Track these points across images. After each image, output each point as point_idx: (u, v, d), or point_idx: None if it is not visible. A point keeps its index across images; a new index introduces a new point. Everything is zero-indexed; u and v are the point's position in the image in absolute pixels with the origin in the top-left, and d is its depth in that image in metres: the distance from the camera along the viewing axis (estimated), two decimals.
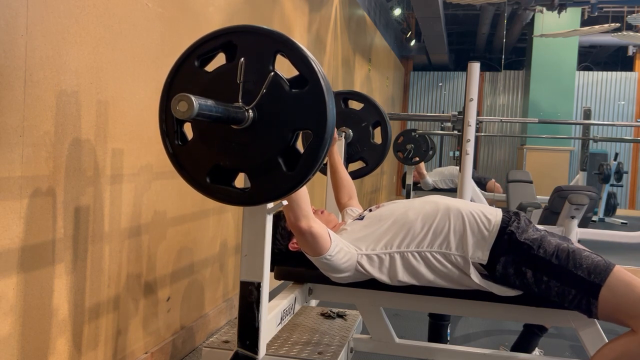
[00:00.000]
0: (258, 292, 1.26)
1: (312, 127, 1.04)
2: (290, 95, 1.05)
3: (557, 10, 6.77)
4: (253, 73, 1.06)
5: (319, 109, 1.03)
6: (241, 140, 1.07)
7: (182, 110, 0.90)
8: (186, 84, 1.11)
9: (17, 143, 1.35)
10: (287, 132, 1.05)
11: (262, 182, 1.07)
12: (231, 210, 2.70)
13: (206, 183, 1.12)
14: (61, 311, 1.54)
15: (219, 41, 1.10)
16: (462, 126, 2.72)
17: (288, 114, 1.05)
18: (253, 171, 1.08)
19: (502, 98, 9.98)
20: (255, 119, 1.05)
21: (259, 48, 1.07)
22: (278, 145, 1.05)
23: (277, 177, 1.06)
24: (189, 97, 0.89)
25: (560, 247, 1.47)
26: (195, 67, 1.12)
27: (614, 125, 6.94)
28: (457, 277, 1.52)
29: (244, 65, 1.06)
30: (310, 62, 1.04)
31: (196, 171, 1.12)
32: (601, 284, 1.39)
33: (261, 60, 1.06)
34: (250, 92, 1.05)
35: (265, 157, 1.06)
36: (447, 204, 1.59)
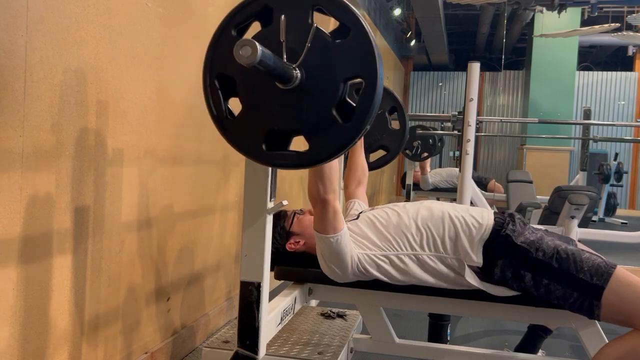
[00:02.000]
0: (258, 292, 1.26)
1: (362, 74, 1.01)
2: (336, 46, 1.02)
3: (557, 10, 6.77)
4: (293, 31, 1.03)
5: (367, 55, 1.00)
6: (292, 101, 1.04)
7: (246, 55, 0.87)
8: (227, 54, 1.06)
9: (17, 143, 1.35)
10: (337, 84, 1.02)
11: (320, 139, 1.04)
12: (231, 210, 2.70)
13: (263, 151, 1.08)
14: (61, 311, 1.54)
15: (255, 6, 1.07)
16: (462, 126, 2.72)
17: (336, 66, 1.02)
18: (309, 130, 1.05)
19: (502, 98, 9.98)
20: (303, 77, 1.03)
21: (295, 5, 1.04)
22: (331, 98, 1.02)
23: (335, 132, 1.03)
24: (253, 42, 0.87)
25: (559, 249, 1.46)
26: (233, 37, 1.09)
27: (614, 125, 6.94)
28: (454, 278, 1.53)
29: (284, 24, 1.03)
30: (350, 9, 1.01)
31: (251, 141, 1.08)
32: (604, 286, 1.38)
33: (299, 17, 1.04)
34: (293, 51, 1.03)
35: (320, 113, 1.03)
36: (440, 209, 1.61)
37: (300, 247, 1.67)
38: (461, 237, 1.52)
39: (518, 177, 5.50)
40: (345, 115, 1.03)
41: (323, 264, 1.54)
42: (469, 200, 2.80)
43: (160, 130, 1.99)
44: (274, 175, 1.28)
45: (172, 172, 2.10)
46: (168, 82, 2.04)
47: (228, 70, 1.09)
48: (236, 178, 2.70)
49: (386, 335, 1.82)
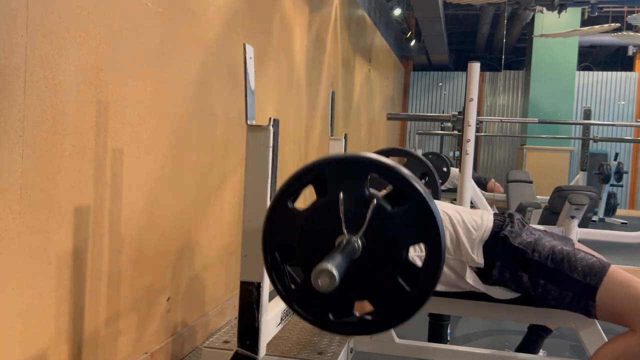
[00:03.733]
0: (258, 292, 1.26)
1: (425, 240, 1.03)
2: (395, 215, 1.02)
3: (557, 10, 6.77)
4: (349, 201, 1.03)
5: (428, 221, 1.01)
6: (356, 270, 1.03)
7: (325, 284, 0.88)
8: (284, 227, 1.09)
9: (17, 143, 1.35)
10: (400, 251, 1.03)
11: (387, 305, 1.05)
12: (231, 210, 2.70)
13: (330, 321, 1.09)
14: (61, 311, 1.54)
15: (308, 177, 1.08)
16: (462, 126, 2.72)
17: (398, 234, 1.02)
18: (376, 297, 1.06)
19: (502, 98, 9.98)
20: (365, 246, 1.03)
21: (350, 175, 1.04)
22: (395, 265, 1.03)
23: (401, 297, 1.04)
24: (329, 270, 0.88)
25: (555, 249, 1.47)
26: (288, 208, 1.09)
27: (614, 125, 6.94)
28: (454, 281, 1.53)
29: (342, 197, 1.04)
30: (407, 178, 1.02)
31: (317, 311, 1.09)
32: (597, 286, 1.39)
33: (356, 187, 1.04)
34: (352, 221, 1.03)
35: (386, 281, 1.04)
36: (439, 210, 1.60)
37: None
38: (461, 238, 1.53)
39: (518, 177, 5.49)
40: (409, 279, 1.03)
41: None
42: (469, 200, 2.80)
43: (160, 130, 1.99)
44: (274, 175, 1.28)
45: (172, 171, 2.10)
46: (168, 82, 2.04)
47: (287, 240, 1.09)
48: (236, 178, 2.70)
49: (386, 335, 1.82)
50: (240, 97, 2.55)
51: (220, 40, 2.45)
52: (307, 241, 0.98)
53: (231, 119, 2.60)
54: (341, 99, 5.13)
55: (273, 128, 1.27)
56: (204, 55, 2.32)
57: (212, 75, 2.39)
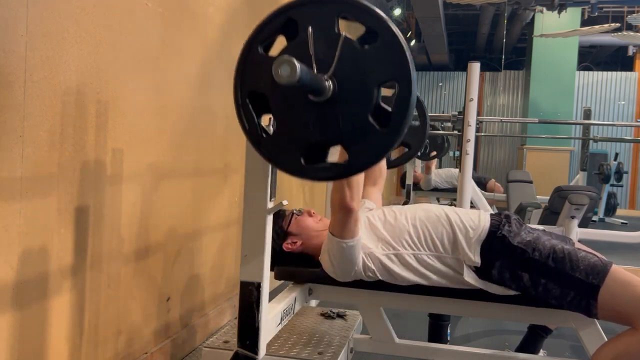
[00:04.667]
0: (258, 292, 1.26)
1: (395, 76, 1.00)
2: (365, 52, 1.00)
3: (557, 10, 6.77)
4: (320, 42, 1.02)
5: (399, 58, 0.99)
6: (326, 113, 1.03)
7: (286, 74, 0.87)
8: (256, 72, 1.07)
9: (17, 143, 1.35)
10: (371, 90, 1.01)
11: (359, 147, 1.03)
12: (231, 210, 2.70)
13: (302, 166, 1.06)
14: (61, 311, 1.54)
15: (278, 20, 1.07)
16: (462, 126, 2.72)
17: (368, 72, 1.00)
18: (347, 139, 1.04)
19: (502, 98, 9.98)
20: (336, 87, 1.01)
21: (319, 16, 1.03)
22: (366, 105, 1.01)
23: (373, 139, 1.02)
24: (291, 60, 0.86)
25: (556, 248, 1.47)
26: (260, 54, 1.08)
27: (614, 125, 6.95)
28: (453, 277, 1.53)
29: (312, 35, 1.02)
30: (377, 13, 1.00)
31: (289, 157, 1.07)
32: (599, 285, 1.39)
33: (325, 27, 1.02)
34: (322, 62, 1.01)
35: (356, 122, 1.02)
36: (436, 210, 1.63)
37: (297, 247, 1.68)
38: (458, 237, 1.53)
39: (518, 177, 5.49)
40: (381, 120, 1.01)
41: (327, 262, 1.54)
42: (469, 200, 2.80)
43: (160, 130, 1.99)
44: (274, 175, 1.28)
45: (172, 171, 2.10)
46: (168, 82, 2.04)
47: (259, 88, 1.08)
48: (236, 177, 2.70)
49: (386, 335, 1.82)
50: None
51: (220, 40, 2.45)
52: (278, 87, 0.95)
53: (231, 119, 2.60)
54: None
55: (273, 127, 1.27)
56: (204, 55, 2.32)
57: (212, 75, 2.39)
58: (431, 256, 1.54)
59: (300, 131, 1.05)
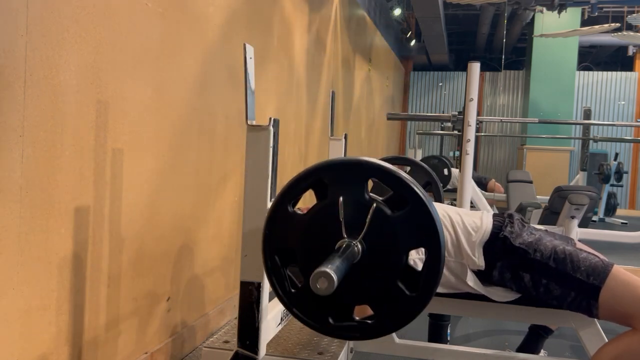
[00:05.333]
0: (258, 292, 1.26)
1: (425, 244, 1.03)
2: (396, 219, 1.03)
3: (557, 10, 6.77)
4: (349, 205, 1.04)
5: (429, 226, 1.02)
6: (356, 275, 1.04)
7: (324, 287, 0.89)
8: (285, 231, 1.10)
9: (17, 143, 1.35)
10: (400, 255, 1.03)
11: (387, 309, 1.06)
12: (231, 210, 2.70)
13: (330, 325, 1.09)
14: (61, 311, 1.54)
15: (308, 181, 1.09)
16: (462, 126, 2.72)
17: (398, 238, 1.03)
18: (376, 301, 1.06)
19: (502, 98, 9.98)
20: (365, 250, 1.03)
21: (350, 180, 1.05)
22: (395, 270, 1.03)
23: (401, 302, 1.04)
24: (327, 273, 0.88)
25: (557, 249, 1.47)
26: (289, 211, 1.10)
27: (614, 125, 6.93)
28: (455, 283, 1.53)
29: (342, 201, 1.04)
30: (407, 182, 1.02)
31: (318, 316, 1.10)
32: (600, 286, 1.39)
33: (355, 191, 1.04)
34: (352, 225, 1.03)
35: (386, 285, 1.04)
36: (440, 212, 1.60)
37: None
38: (462, 240, 1.52)
39: (518, 177, 5.49)
40: (409, 282, 1.03)
41: None
42: (469, 200, 2.80)
43: (160, 130, 1.99)
44: (274, 175, 1.28)
45: (172, 171, 2.10)
46: (168, 82, 2.04)
47: (287, 244, 1.10)
48: (237, 178, 2.70)
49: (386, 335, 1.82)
50: (240, 97, 2.55)
51: (220, 40, 2.45)
52: (307, 245, 0.99)
53: (231, 119, 2.60)
54: (341, 99, 5.13)
55: (273, 128, 1.27)
56: (204, 55, 2.32)
57: (212, 75, 2.39)
58: None
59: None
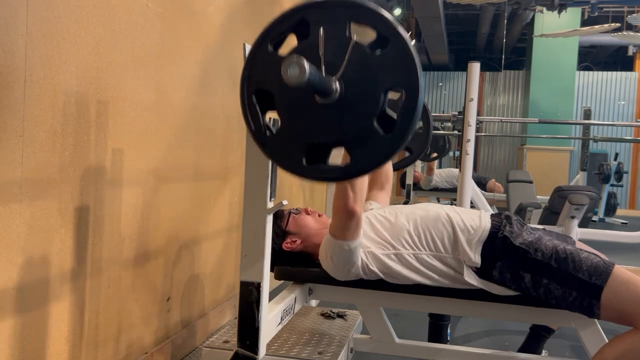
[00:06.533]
0: (258, 292, 1.26)
1: (403, 84, 1.00)
2: (375, 58, 1.01)
3: (557, 10, 6.77)
4: (330, 44, 1.02)
5: (407, 65, 0.99)
6: (332, 114, 1.03)
7: (295, 74, 0.87)
8: (265, 70, 1.07)
9: (17, 143, 1.35)
10: (378, 95, 1.01)
11: (362, 151, 1.03)
12: (231, 210, 2.70)
13: (304, 166, 1.07)
14: (61, 311, 1.54)
15: (291, 20, 1.07)
16: (462, 126, 2.72)
17: (376, 77, 1.01)
18: (351, 142, 1.04)
19: (502, 98, 9.98)
20: (343, 89, 1.02)
21: (331, 19, 1.03)
22: (371, 110, 1.01)
23: (377, 143, 1.02)
24: (301, 60, 0.87)
25: (558, 249, 1.47)
26: (269, 52, 1.08)
27: (614, 125, 6.95)
28: (454, 277, 1.53)
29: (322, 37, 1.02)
30: (388, 20, 1.00)
31: (291, 157, 1.07)
32: (602, 285, 1.39)
33: (337, 30, 1.03)
34: (331, 64, 1.02)
35: (361, 125, 1.02)
36: (436, 209, 1.62)
37: (297, 246, 1.68)
38: (459, 237, 1.53)
39: (518, 177, 5.50)
40: (386, 126, 1.02)
41: (327, 261, 1.54)
42: (469, 200, 2.80)
43: (160, 130, 1.99)
44: (274, 175, 1.28)
45: (172, 171, 2.10)
46: (168, 82, 2.04)
47: (266, 86, 1.08)
48: (237, 177, 2.70)
49: (386, 335, 1.82)
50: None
51: (220, 40, 2.45)
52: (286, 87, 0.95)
53: (231, 119, 2.60)
54: None
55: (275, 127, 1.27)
56: (204, 55, 2.32)
57: (212, 75, 2.39)
58: (431, 256, 1.54)
59: (304, 131, 1.05)
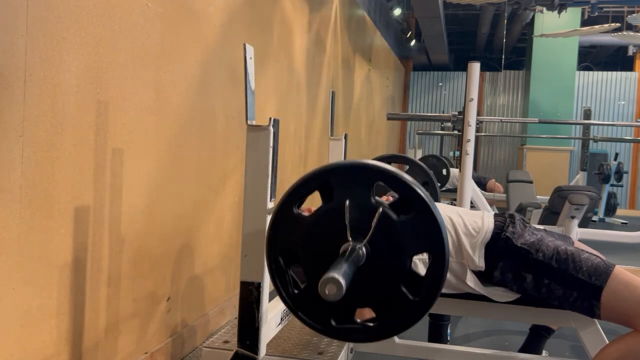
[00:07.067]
0: (258, 292, 1.26)
1: (429, 249, 1.03)
2: (401, 223, 1.03)
3: (557, 10, 6.77)
4: (355, 208, 1.04)
5: (434, 232, 1.02)
6: (360, 277, 1.03)
7: (332, 292, 0.89)
8: (289, 232, 1.10)
9: (17, 143, 1.35)
10: (405, 259, 1.03)
11: (390, 313, 1.06)
12: (231, 210, 2.70)
13: (333, 327, 1.09)
14: (61, 311, 1.54)
15: (314, 184, 1.09)
16: (462, 126, 2.72)
17: (402, 242, 1.03)
18: (378, 304, 1.07)
19: (502, 98, 9.98)
20: (370, 254, 1.03)
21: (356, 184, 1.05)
22: (398, 274, 1.04)
23: (404, 306, 1.05)
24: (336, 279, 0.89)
25: (559, 249, 1.47)
26: (293, 213, 1.10)
27: (614, 125, 6.93)
28: (455, 284, 1.53)
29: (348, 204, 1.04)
30: (413, 187, 1.02)
31: (320, 317, 1.10)
32: (602, 286, 1.39)
33: (361, 194, 1.04)
34: (357, 229, 1.03)
35: (389, 289, 1.04)
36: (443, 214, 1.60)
37: None
38: (463, 241, 1.52)
39: (518, 177, 5.49)
40: (412, 287, 1.03)
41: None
42: (469, 200, 2.80)
43: (160, 130, 1.99)
44: (274, 175, 1.28)
45: (172, 171, 2.10)
46: (168, 82, 2.04)
47: (291, 245, 1.10)
48: (236, 178, 2.70)
49: None
50: (240, 97, 2.55)
51: (220, 40, 2.45)
52: (311, 247, 0.99)
53: (231, 119, 2.60)
54: (341, 99, 5.13)
55: (273, 128, 1.27)
56: (204, 55, 2.31)
57: (212, 75, 2.39)
58: None
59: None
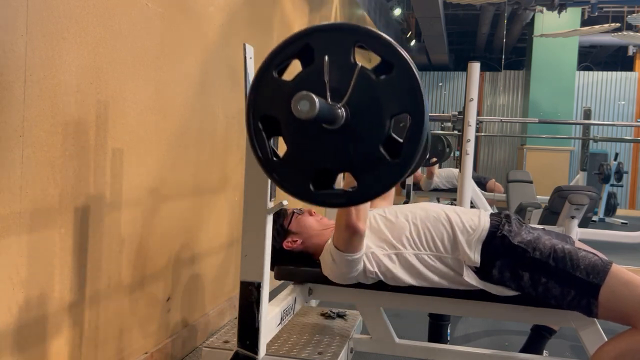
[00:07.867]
0: (258, 292, 1.26)
1: (408, 109, 1.01)
2: (380, 83, 1.01)
3: (557, 10, 6.76)
4: (335, 70, 1.03)
5: (412, 90, 1.00)
6: (338, 140, 1.04)
7: (305, 109, 0.89)
8: (270, 96, 1.08)
9: (17, 143, 1.35)
10: (384, 120, 1.02)
11: (369, 176, 1.04)
12: (231, 210, 2.70)
13: (311, 192, 1.07)
14: (61, 311, 1.54)
15: (295, 46, 1.07)
16: (462, 126, 2.72)
17: (381, 102, 1.02)
18: (358, 168, 1.05)
19: (502, 98, 9.98)
20: (349, 115, 1.02)
21: (336, 44, 1.03)
22: (378, 136, 1.02)
23: (383, 168, 1.03)
24: (311, 96, 0.88)
25: (556, 247, 1.47)
26: (274, 78, 1.08)
27: (614, 125, 6.95)
28: (453, 277, 1.53)
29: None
30: (393, 45, 1.01)
31: (299, 182, 1.08)
32: (600, 284, 1.39)
33: (341, 56, 1.03)
34: (336, 90, 1.02)
35: (368, 151, 1.03)
36: (435, 209, 1.62)
37: (297, 246, 1.68)
38: (459, 237, 1.53)
39: (518, 177, 5.49)
40: (392, 151, 1.02)
41: (329, 269, 1.55)
42: (469, 200, 2.80)
43: (160, 130, 1.99)
44: None
45: (172, 171, 2.10)
46: (168, 82, 2.04)
47: (272, 112, 1.08)
48: (237, 178, 2.70)
49: (386, 335, 1.82)
50: (240, 97, 2.55)
51: (220, 40, 2.45)
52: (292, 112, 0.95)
53: (231, 119, 2.60)
54: None
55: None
56: (204, 55, 2.32)
57: (212, 75, 2.39)
58: (432, 256, 1.54)
59: (310, 157, 1.06)
